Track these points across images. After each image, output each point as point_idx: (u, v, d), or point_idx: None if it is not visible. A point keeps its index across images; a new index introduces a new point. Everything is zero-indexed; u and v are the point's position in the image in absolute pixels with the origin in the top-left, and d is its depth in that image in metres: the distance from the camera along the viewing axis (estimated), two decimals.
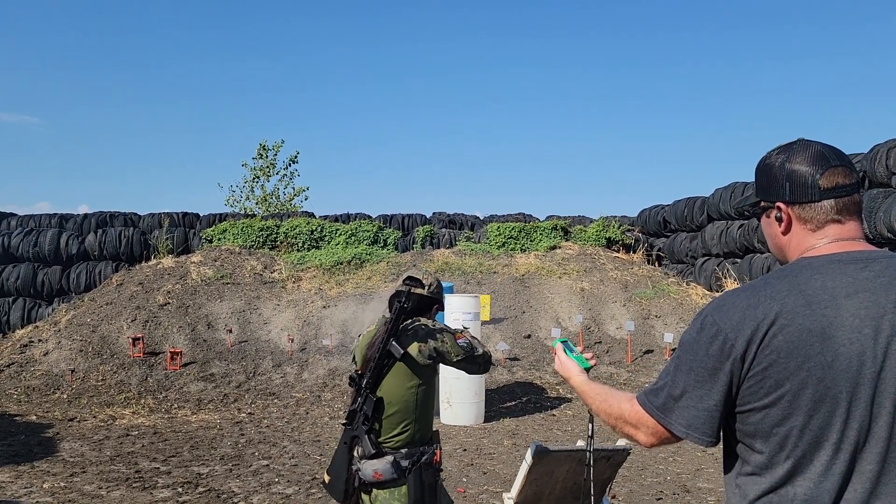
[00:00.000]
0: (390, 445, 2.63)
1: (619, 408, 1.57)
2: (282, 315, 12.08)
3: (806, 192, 1.46)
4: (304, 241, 14.99)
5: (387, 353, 2.60)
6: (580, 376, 1.77)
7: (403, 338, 2.65)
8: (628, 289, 13.62)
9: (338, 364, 10.81)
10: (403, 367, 2.63)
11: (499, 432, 8.09)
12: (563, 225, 16.11)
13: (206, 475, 6.06)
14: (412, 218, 16.84)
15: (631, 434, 1.54)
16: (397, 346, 2.60)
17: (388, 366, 2.62)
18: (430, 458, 2.64)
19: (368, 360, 2.66)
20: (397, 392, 2.63)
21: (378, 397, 2.60)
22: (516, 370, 11.01)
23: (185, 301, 12.10)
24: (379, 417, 2.61)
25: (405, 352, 2.61)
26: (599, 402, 1.65)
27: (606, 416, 1.61)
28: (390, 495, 2.59)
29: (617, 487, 5.71)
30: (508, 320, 12.57)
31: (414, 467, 2.59)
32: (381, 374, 2.62)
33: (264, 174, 19.47)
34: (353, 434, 2.62)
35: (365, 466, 2.59)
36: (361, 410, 2.59)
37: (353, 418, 2.62)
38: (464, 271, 13.90)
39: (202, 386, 9.99)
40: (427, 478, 2.60)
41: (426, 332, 2.68)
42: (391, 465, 2.56)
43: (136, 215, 16.35)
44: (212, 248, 14.37)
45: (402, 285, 2.80)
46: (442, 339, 2.69)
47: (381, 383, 2.64)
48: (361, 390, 2.61)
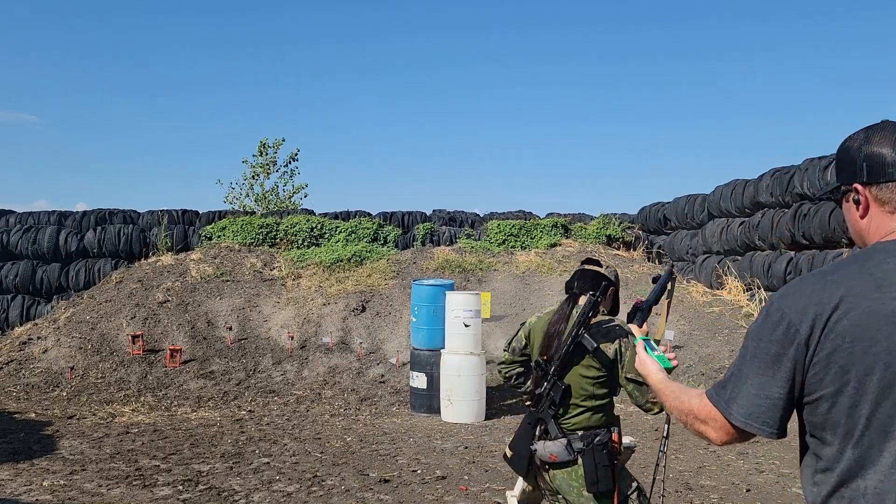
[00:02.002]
0: (569, 427, 2.71)
1: (689, 404, 1.52)
2: (282, 312, 12.05)
3: (883, 171, 1.41)
4: (303, 238, 14.95)
5: (578, 345, 2.64)
6: (658, 374, 1.74)
7: (597, 332, 2.68)
8: (629, 286, 13.57)
9: (338, 362, 10.79)
10: (591, 358, 2.68)
11: (500, 430, 8.06)
12: (564, 222, 16.08)
13: (207, 473, 6.03)
14: (412, 215, 16.79)
15: (702, 431, 1.49)
16: (590, 339, 2.63)
17: (577, 356, 2.67)
18: (604, 440, 2.68)
19: (551, 347, 2.71)
20: (581, 381, 2.69)
21: (566, 385, 2.67)
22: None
23: (184, 298, 12.07)
24: (565, 403, 2.68)
25: (597, 346, 2.64)
26: (672, 400, 1.60)
27: (679, 414, 1.56)
28: (568, 475, 2.69)
29: None
30: (509, 318, 12.54)
31: (587, 448, 2.65)
32: (569, 362, 2.67)
33: (264, 171, 19.44)
34: (538, 416, 2.72)
35: (542, 447, 2.68)
36: (548, 396, 2.68)
37: (538, 402, 2.71)
38: (464, 269, 13.87)
39: (202, 383, 9.96)
40: (600, 459, 2.65)
41: (619, 332, 2.70)
42: (565, 448, 2.64)
43: (135, 212, 16.28)
44: (211, 246, 14.33)
45: (580, 265, 2.93)
46: (627, 348, 2.68)
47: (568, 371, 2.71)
48: (549, 376, 2.68)
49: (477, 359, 8.65)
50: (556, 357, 2.67)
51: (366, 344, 11.30)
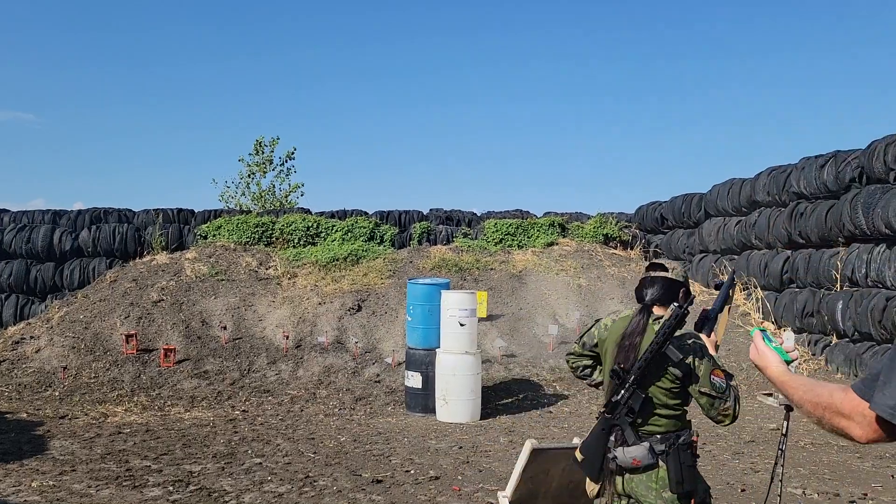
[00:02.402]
0: (647, 432, 2.72)
1: (829, 397, 1.44)
2: (277, 312, 11.99)
3: None
4: (299, 237, 14.88)
5: (662, 356, 2.64)
6: (779, 366, 1.67)
7: (680, 346, 2.67)
8: (625, 285, 13.55)
9: (333, 361, 10.73)
10: (667, 371, 2.69)
11: (495, 430, 8.01)
12: (561, 221, 16.03)
13: (198, 473, 5.98)
14: (409, 214, 16.73)
15: (843, 427, 1.41)
16: (676, 351, 2.62)
17: (658, 366, 2.67)
18: (687, 440, 2.70)
19: (628, 358, 2.71)
20: (659, 393, 2.71)
21: (646, 395, 2.69)
22: (513, 367, 10.94)
23: (179, 298, 12.00)
24: (644, 412, 2.70)
25: (682, 358, 2.64)
26: (803, 393, 1.51)
27: (813, 407, 1.47)
28: (647, 479, 2.68)
29: None
30: (505, 317, 12.49)
31: (671, 450, 2.67)
32: (649, 373, 2.68)
33: (260, 170, 19.36)
34: (613, 423, 2.72)
35: (622, 453, 2.69)
36: (626, 404, 2.68)
37: (614, 408, 2.71)
38: (461, 268, 13.82)
39: (196, 383, 9.90)
40: (685, 459, 2.66)
41: (699, 348, 2.70)
42: (648, 452, 2.66)
43: (130, 211, 16.20)
44: (206, 245, 14.26)
45: (646, 272, 2.91)
46: (702, 361, 2.69)
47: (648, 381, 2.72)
48: (627, 385, 2.67)
49: (472, 358, 8.60)
50: (636, 368, 2.66)
51: (361, 343, 11.24)
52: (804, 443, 7.15)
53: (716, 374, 2.67)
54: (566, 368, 11.12)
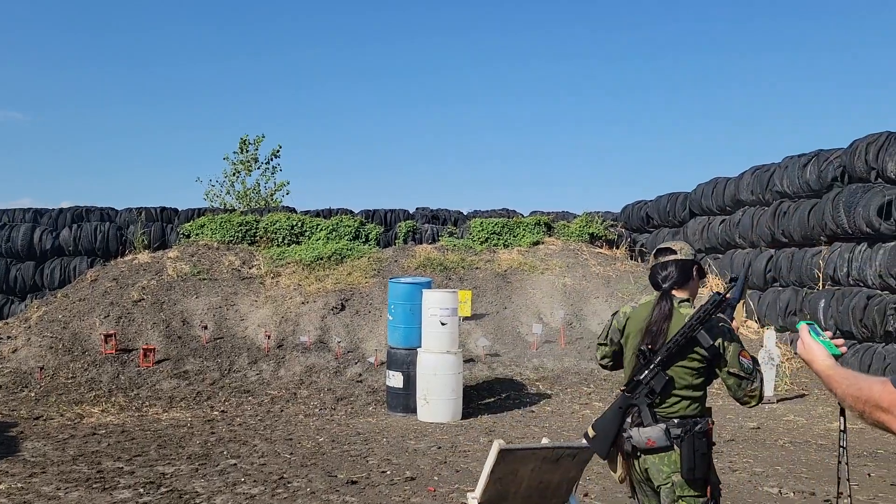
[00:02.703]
0: (664, 415, 2.72)
1: (869, 391, 1.40)
2: (259, 311, 11.89)
3: None
4: (283, 236, 14.78)
5: (692, 340, 2.66)
6: (826, 360, 1.62)
7: (711, 328, 2.69)
8: (610, 284, 13.54)
9: (315, 361, 10.64)
10: (695, 352, 2.70)
11: (475, 429, 7.96)
12: (547, 220, 16.01)
13: (171, 475, 5.89)
14: (395, 213, 16.65)
15: (883, 421, 1.37)
16: (707, 336, 2.65)
17: (686, 349, 2.69)
18: (703, 428, 2.70)
19: (656, 342, 2.73)
20: (682, 372, 2.71)
21: (669, 376, 2.69)
22: (496, 366, 10.89)
23: (160, 297, 11.88)
24: (666, 393, 2.71)
25: (713, 343, 2.66)
26: (846, 387, 1.48)
27: (854, 401, 1.45)
28: (660, 461, 2.69)
29: (591, 485, 5.60)
30: (490, 316, 12.45)
31: (686, 435, 2.66)
32: (677, 354, 2.69)
33: (245, 168, 19.21)
34: (631, 402, 2.73)
35: (638, 433, 2.70)
36: (647, 384, 2.69)
37: (635, 388, 2.73)
38: (445, 266, 13.76)
39: (175, 383, 9.79)
40: (700, 447, 2.66)
41: (728, 331, 2.73)
42: (663, 433, 2.66)
43: (112, 210, 16.04)
44: (189, 244, 14.13)
45: (654, 259, 2.92)
46: (731, 343, 2.72)
47: (674, 363, 2.73)
48: (653, 365, 2.69)
49: (453, 357, 8.54)
50: (665, 349, 2.69)
51: (344, 343, 11.16)
52: (783, 441, 7.14)
53: (743, 355, 2.71)
54: (549, 367, 11.15)
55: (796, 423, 8.12)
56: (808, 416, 8.39)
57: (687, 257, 2.90)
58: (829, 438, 7.30)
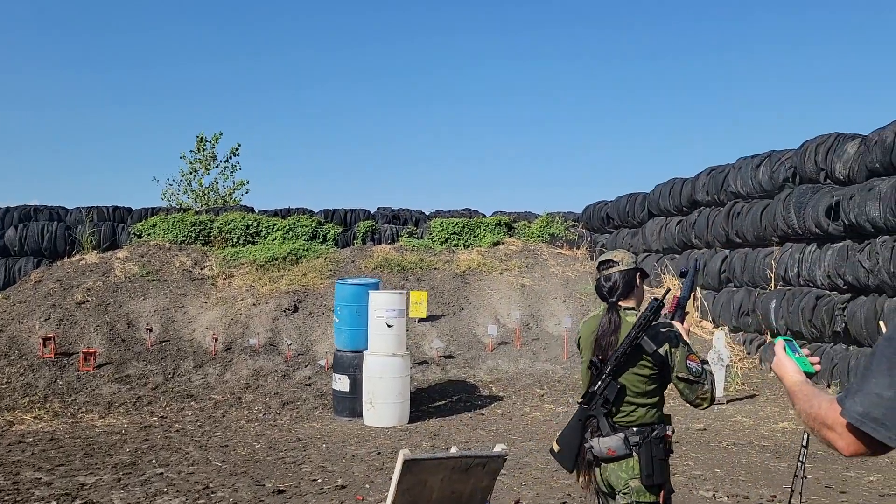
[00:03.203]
0: (622, 424, 2.76)
1: (818, 408, 1.38)
2: (209, 313, 11.60)
3: None
4: (239, 236, 14.49)
5: (637, 347, 2.70)
6: (795, 376, 1.58)
7: (655, 335, 2.73)
8: (569, 285, 13.49)
9: (264, 364, 10.40)
10: (643, 360, 2.74)
11: (421, 434, 7.80)
12: (507, 221, 15.92)
13: (91, 486, 5.63)
14: (355, 213, 16.43)
15: (829, 439, 1.34)
16: (650, 342, 2.69)
17: (634, 356, 2.73)
18: (660, 434, 2.73)
19: (606, 349, 2.77)
20: (635, 380, 2.75)
21: (621, 385, 2.73)
22: (450, 368, 10.75)
23: (105, 299, 11.53)
24: (619, 402, 2.75)
25: (656, 350, 2.71)
26: (803, 403, 1.46)
27: (807, 418, 1.43)
28: (618, 467, 2.73)
29: (525, 491, 5.48)
30: (446, 317, 12.30)
31: (644, 442, 2.70)
32: (626, 363, 2.73)
33: (203, 167, 18.81)
34: (589, 414, 2.78)
35: (598, 444, 2.75)
36: (602, 394, 2.74)
37: (591, 399, 2.77)
38: (403, 267, 13.59)
39: (116, 388, 9.47)
40: (657, 453, 2.70)
41: (674, 336, 2.77)
42: (622, 442, 2.70)
43: (63, 209, 15.58)
44: (140, 244, 13.77)
45: (598, 272, 2.93)
46: (677, 348, 2.75)
47: (624, 371, 2.77)
48: (604, 376, 2.73)
49: (400, 360, 8.37)
50: (613, 358, 2.73)
51: (295, 345, 10.93)
52: (727, 444, 7.10)
53: (691, 359, 2.73)
54: (504, 369, 11.03)
55: (743, 424, 8.10)
56: (756, 417, 8.38)
57: (628, 267, 2.92)
58: (773, 439, 7.28)
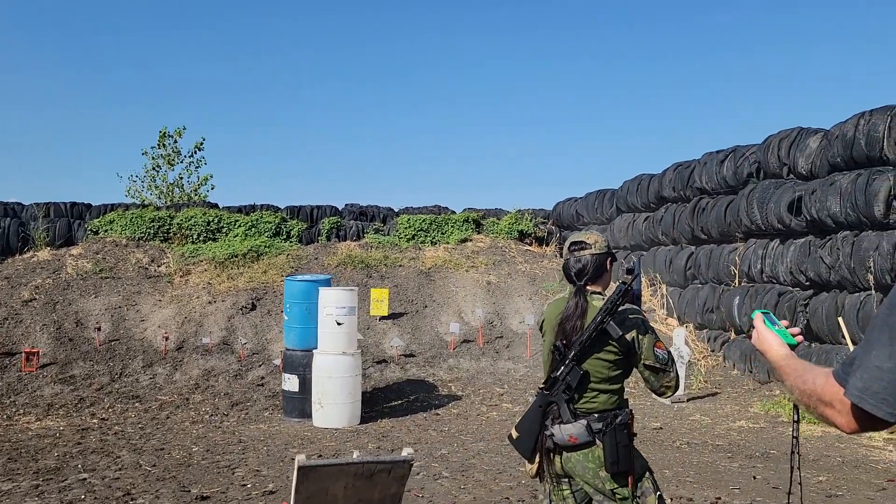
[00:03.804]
0: (583, 411, 2.69)
1: (813, 383, 1.31)
2: (162, 311, 11.25)
3: None
4: (199, 232, 14.13)
5: (602, 332, 2.63)
6: (780, 350, 1.51)
7: (622, 320, 2.66)
8: (536, 282, 13.29)
9: (216, 364, 10.08)
10: (608, 345, 2.67)
11: (369, 435, 7.55)
12: (475, 217, 15.70)
13: (5, 493, 5.32)
14: (321, 209, 16.10)
15: (827, 416, 1.28)
16: (616, 327, 2.62)
17: (599, 341, 2.65)
18: (624, 421, 2.68)
19: (571, 333, 2.69)
20: (599, 365, 2.69)
21: (584, 370, 2.67)
22: (410, 367, 10.50)
23: (54, 297, 11.14)
24: (582, 388, 2.68)
25: (622, 335, 2.63)
26: (794, 378, 1.40)
27: (801, 395, 1.36)
28: (584, 457, 2.66)
29: (462, 494, 5.24)
30: (409, 315, 12.05)
31: (608, 429, 2.64)
32: (591, 348, 2.66)
33: (167, 162, 18.38)
34: (550, 400, 2.71)
35: (559, 431, 2.67)
36: (564, 380, 2.67)
37: (553, 385, 2.70)
38: (367, 264, 13.32)
39: (58, 389, 9.11)
40: (621, 439, 2.64)
41: (641, 322, 2.71)
42: (585, 429, 2.64)
43: (19, 205, 15.12)
44: (96, 240, 13.37)
45: (569, 253, 2.82)
46: (645, 336, 2.70)
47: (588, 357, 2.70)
48: (567, 360, 2.66)
49: (350, 359, 8.11)
50: (577, 343, 2.66)
51: (250, 344, 10.63)
52: (680, 443, 6.91)
53: (658, 346, 2.70)
54: (465, 368, 10.79)
55: (701, 422, 7.93)
56: (714, 416, 8.22)
57: (601, 251, 2.82)
58: (728, 439, 7.11)
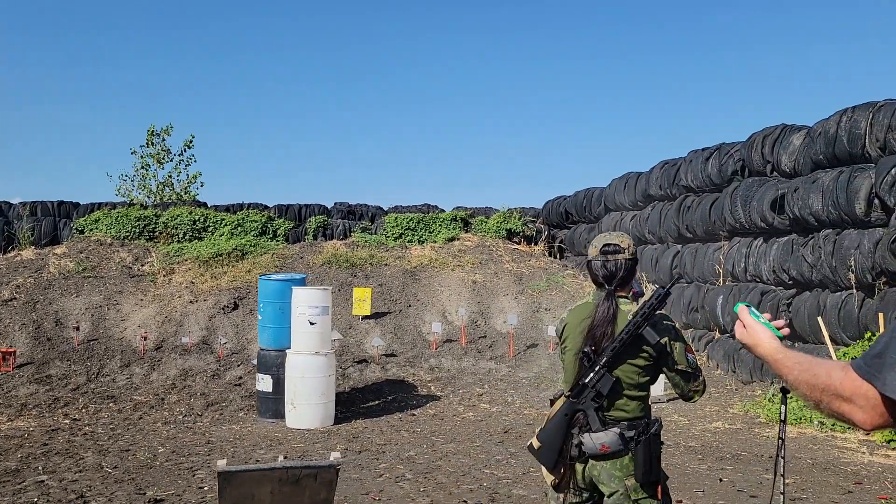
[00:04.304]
0: (613, 418, 2.63)
1: (827, 377, 1.25)
2: (143, 311, 11.19)
3: None
4: (185, 231, 14.08)
5: (638, 337, 2.56)
6: (772, 343, 1.47)
7: (654, 324, 2.60)
8: (522, 281, 13.19)
9: (194, 363, 10.02)
10: (642, 350, 2.61)
11: (339, 436, 7.46)
12: (464, 216, 15.61)
13: None
14: (309, 208, 16.04)
15: (843, 411, 1.22)
16: (653, 332, 2.56)
17: (633, 347, 2.59)
18: (657, 430, 2.62)
19: (601, 339, 2.61)
20: (630, 371, 2.62)
21: (615, 377, 2.59)
22: (390, 367, 10.42)
23: (34, 296, 11.09)
24: (613, 395, 2.61)
25: (659, 340, 2.58)
26: (799, 373, 1.33)
27: (810, 390, 1.29)
28: (612, 466, 2.58)
29: (420, 497, 5.16)
30: (392, 314, 11.97)
31: (642, 438, 2.56)
32: (623, 354, 2.59)
33: (157, 161, 18.33)
34: (577, 408, 2.62)
35: (590, 440, 2.60)
36: (594, 387, 2.59)
37: (581, 392, 2.62)
38: (353, 263, 13.24)
39: (34, 389, 9.06)
40: (655, 449, 2.58)
41: (673, 328, 2.66)
42: (618, 437, 2.57)
43: (6, 203, 15.12)
44: (80, 240, 13.33)
45: (601, 255, 2.72)
46: (677, 341, 2.65)
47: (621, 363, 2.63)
48: (598, 367, 2.58)
49: (323, 359, 8.02)
50: (610, 349, 2.57)
51: (230, 344, 10.56)
52: None
53: (689, 350, 2.66)
54: (446, 367, 10.70)
55: (678, 423, 7.83)
56: (692, 417, 8.12)
57: (633, 256, 2.77)
58: (702, 440, 7.01)
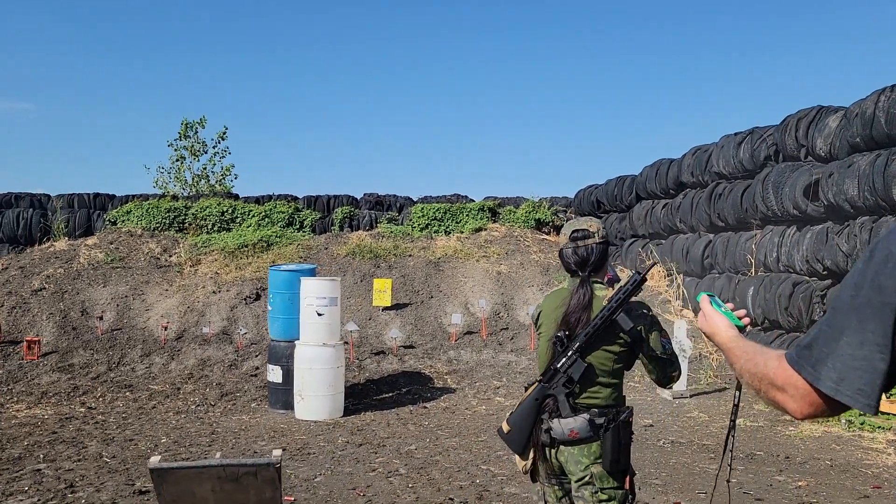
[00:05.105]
0: (584, 405, 2.61)
1: (765, 366, 1.26)
2: (167, 301, 11.33)
3: None
4: (213, 222, 14.23)
5: (612, 323, 2.54)
6: (729, 331, 1.48)
7: (629, 310, 2.58)
8: (548, 272, 12.88)
9: (213, 353, 10.08)
10: (616, 337, 2.59)
11: (345, 429, 7.36)
12: (492, 206, 15.34)
13: None
14: (338, 199, 16.03)
15: (779, 401, 1.23)
16: (627, 318, 2.54)
17: (608, 333, 2.57)
18: (627, 418, 2.59)
19: (576, 325, 2.60)
20: (604, 357, 2.61)
21: (588, 363, 2.58)
22: (408, 359, 10.28)
23: (63, 286, 11.35)
24: (585, 381, 2.59)
25: (633, 326, 2.55)
26: (745, 362, 1.35)
27: (751, 378, 1.31)
28: (579, 452, 2.57)
29: (407, 494, 4.99)
30: (413, 305, 11.83)
31: (611, 426, 2.54)
32: (597, 340, 2.58)
33: (192, 153, 18.60)
34: (548, 393, 2.61)
35: (559, 425, 2.58)
36: (565, 372, 2.58)
37: (552, 377, 2.60)
38: (376, 254, 13.15)
39: (56, 377, 9.25)
40: (625, 438, 2.56)
41: (649, 317, 2.63)
42: (587, 423, 2.55)
43: (46, 196, 15.58)
44: (112, 231, 13.60)
45: (571, 241, 2.72)
46: (652, 327, 2.62)
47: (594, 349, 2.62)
48: (570, 352, 2.57)
49: (332, 350, 7.93)
50: (584, 334, 2.55)
51: (250, 334, 10.59)
52: (664, 442, 6.49)
53: (664, 337, 2.62)
54: (465, 360, 10.50)
55: (697, 419, 7.46)
56: (713, 413, 7.72)
57: (604, 239, 2.75)
58: (718, 438, 6.64)
